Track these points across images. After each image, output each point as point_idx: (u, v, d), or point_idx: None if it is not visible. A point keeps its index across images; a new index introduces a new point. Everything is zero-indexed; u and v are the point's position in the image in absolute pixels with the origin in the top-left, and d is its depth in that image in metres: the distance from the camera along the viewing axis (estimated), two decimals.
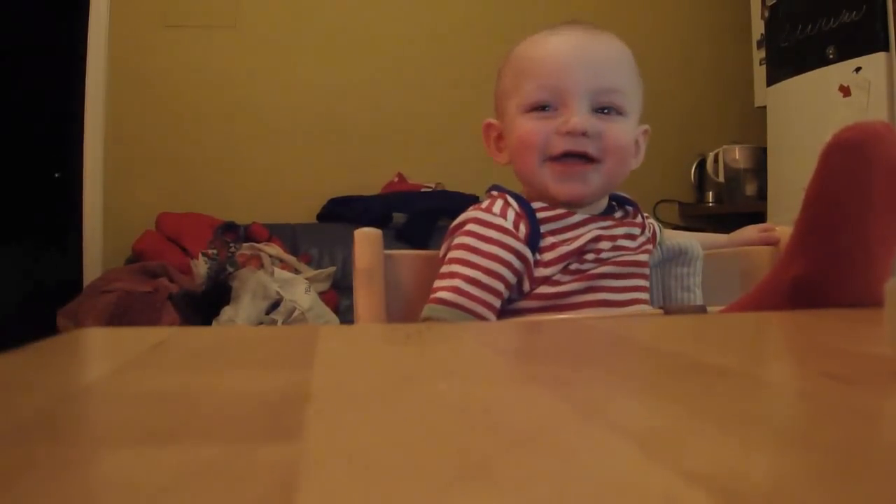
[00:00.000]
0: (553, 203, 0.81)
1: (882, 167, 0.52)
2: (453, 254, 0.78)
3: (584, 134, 0.78)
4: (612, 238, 0.80)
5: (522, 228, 0.78)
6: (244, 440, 0.20)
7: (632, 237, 0.83)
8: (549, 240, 0.78)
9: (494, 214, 0.79)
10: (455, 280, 0.76)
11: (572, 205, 0.81)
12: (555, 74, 0.79)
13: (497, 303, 0.76)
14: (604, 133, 0.79)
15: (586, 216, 0.81)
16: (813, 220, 0.55)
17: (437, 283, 0.78)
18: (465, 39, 2.94)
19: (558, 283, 0.77)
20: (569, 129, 0.77)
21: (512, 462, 0.18)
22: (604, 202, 0.86)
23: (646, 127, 0.87)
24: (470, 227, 0.79)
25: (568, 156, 0.79)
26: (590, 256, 0.78)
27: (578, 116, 0.77)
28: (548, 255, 0.78)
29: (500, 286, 0.76)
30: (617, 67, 0.82)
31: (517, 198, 0.81)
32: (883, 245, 0.53)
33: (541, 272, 0.77)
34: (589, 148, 0.78)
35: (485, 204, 0.81)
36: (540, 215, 0.80)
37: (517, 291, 0.78)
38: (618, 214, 0.85)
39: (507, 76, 0.85)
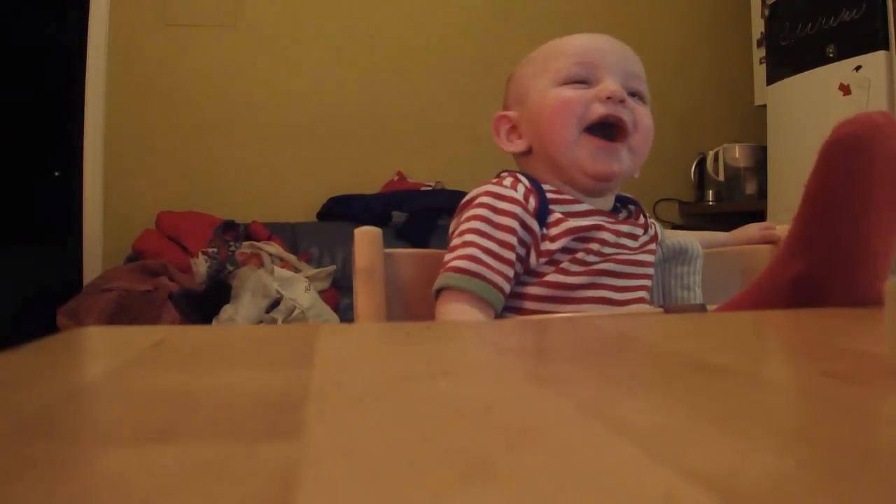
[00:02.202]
0: (574, 186, 0.82)
1: (882, 162, 0.51)
2: (467, 225, 0.79)
3: (622, 102, 0.80)
4: (616, 233, 0.81)
5: (532, 201, 0.79)
6: (244, 439, 0.20)
7: (633, 237, 0.83)
8: (557, 215, 0.80)
9: (506, 188, 0.80)
10: (470, 249, 0.77)
11: (593, 191, 0.83)
12: (590, 53, 0.83)
13: (511, 273, 0.77)
14: (635, 109, 0.82)
15: (592, 208, 0.83)
16: (812, 217, 0.54)
17: (450, 255, 0.78)
18: (466, 39, 2.94)
19: (566, 272, 0.78)
20: (610, 93, 0.80)
21: (512, 461, 0.18)
22: (611, 201, 0.86)
23: None
24: (483, 199, 0.80)
25: (605, 125, 0.80)
26: (594, 247, 0.78)
27: (616, 86, 0.80)
28: (554, 230, 0.79)
29: (513, 257, 0.77)
30: (638, 60, 0.86)
31: (527, 176, 0.83)
32: (883, 240, 0.52)
33: (546, 246, 0.78)
34: (625, 115, 0.81)
35: (495, 180, 0.83)
36: (549, 196, 0.81)
37: (525, 266, 0.79)
38: (622, 215, 0.86)
39: (532, 64, 0.87)
